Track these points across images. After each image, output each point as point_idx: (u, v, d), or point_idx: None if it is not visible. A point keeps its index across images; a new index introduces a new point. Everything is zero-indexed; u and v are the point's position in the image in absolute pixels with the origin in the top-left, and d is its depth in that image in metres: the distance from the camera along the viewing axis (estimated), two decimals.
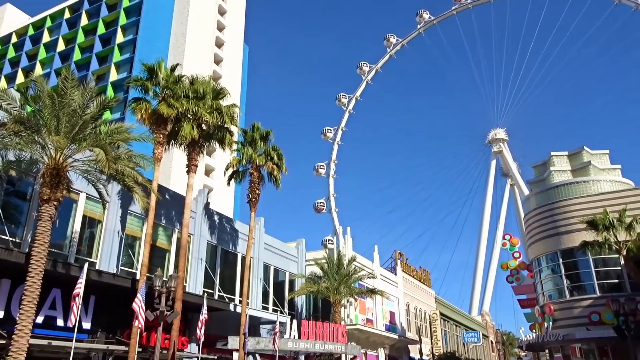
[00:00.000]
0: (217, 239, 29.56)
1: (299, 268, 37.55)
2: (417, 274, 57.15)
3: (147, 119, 23.07)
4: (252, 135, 29.58)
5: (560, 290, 36.15)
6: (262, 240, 33.86)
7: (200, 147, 25.61)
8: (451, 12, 78.32)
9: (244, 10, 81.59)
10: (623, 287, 33.32)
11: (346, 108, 78.59)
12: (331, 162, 76.22)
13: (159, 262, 24.74)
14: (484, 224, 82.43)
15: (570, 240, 35.19)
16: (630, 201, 33.62)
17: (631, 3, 64.48)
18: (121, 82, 59.77)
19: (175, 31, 67.10)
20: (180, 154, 27.99)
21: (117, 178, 18.40)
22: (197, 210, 28.04)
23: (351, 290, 34.46)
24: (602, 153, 48.20)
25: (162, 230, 25.84)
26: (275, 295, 33.84)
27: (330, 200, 73.79)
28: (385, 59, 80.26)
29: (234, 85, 71.45)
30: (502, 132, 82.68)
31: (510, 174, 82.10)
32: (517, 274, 47.67)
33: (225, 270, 30.37)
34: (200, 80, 24.92)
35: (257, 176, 29.16)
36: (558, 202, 38.63)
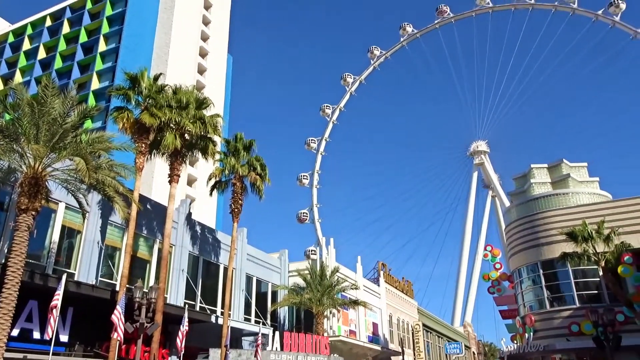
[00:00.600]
0: (199, 250, 29.27)
1: (281, 279, 37.34)
2: (400, 285, 57.23)
3: (129, 128, 22.86)
4: (235, 145, 29.49)
5: (540, 301, 36.51)
6: (245, 251, 33.63)
7: (182, 157, 25.44)
8: (434, 26, 79.38)
9: (228, 21, 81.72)
10: (602, 298, 33.78)
11: (330, 119, 78.85)
12: (315, 172, 76.23)
13: (140, 273, 24.40)
14: (466, 235, 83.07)
15: (550, 252, 35.63)
16: (608, 213, 34.21)
17: (608, 20, 66.08)
18: (103, 90, 59.21)
19: (158, 40, 66.81)
20: (163, 163, 27.77)
21: (97, 188, 18.15)
22: (179, 220, 27.76)
23: (334, 302, 34.35)
24: (581, 165, 49.10)
25: (143, 241, 25.51)
26: (257, 306, 33.56)
27: (314, 210, 73.68)
28: (369, 70, 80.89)
29: (218, 95, 71.29)
30: (484, 144, 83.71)
31: (492, 185, 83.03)
32: (499, 285, 48.05)
33: (207, 281, 30.05)
34: (184, 90, 24.81)
35: (240, 186, 29.03)
36: (538, 213, 39.14)
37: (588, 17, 68.23)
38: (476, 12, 77.05)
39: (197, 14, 73.71)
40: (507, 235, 41.74)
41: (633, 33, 63.78)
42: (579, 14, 68.93)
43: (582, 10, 68.60)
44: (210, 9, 77.28)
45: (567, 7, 69.29)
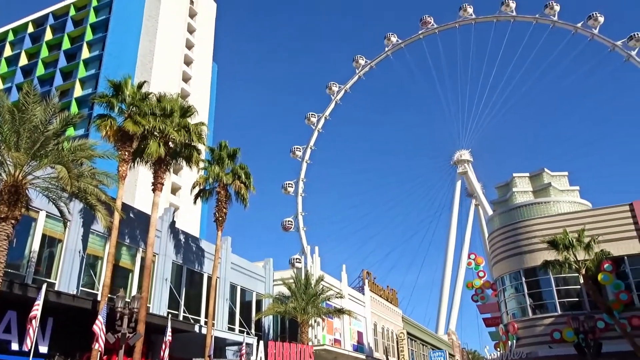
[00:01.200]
0: (182, 259, 29.03)
1: (266, 288, 37.16)
2: (384, 294, 57.30)
3: (112, 136, 22.69)
4: (219, 153, 29.41)
5: (523, 308, 36.81)
6: (229, 260, 33.43)
7: (166, 165, 25.28)
8: (418, 36, 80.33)
9: (213, 29, 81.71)
10: (583, 305, 34.19)
11: (315, 127, 79.10)
12: (300, 180, 76.26)
13: (122, 283, 24.11)
14: (450, 243, 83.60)
15: (532, 260, 36.01)
16: (588, 222, 34.71)
17: (587, 33, 67.58)
18: (86, 98, 58.68)
19: (142, 48, 66.49)
20: (146, 172, 27.57)
21: (79, 196, 17.95)
22: (162, 229, 27.53)
23: (319, 310, 34.26)
24: (562, 175, 49.85)
25: (126, 250, 25.24)
26: (241, 315, 33.33)
27: (299, 218, 73.61)
28: (354, 79, 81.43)
29: (203, 103, 71.09)
30: (467, 153, 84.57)
31: (475, 194, 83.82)
32: (482, 292, 48.32)
33: (191, 290, 29.79)
34: (168, 98, 24.72)
35: (224, 195, 28.93)
36: (520, 222, 39.57)
37: (568, 29, 69.71)
38: (459, 23, 78.22)
39: (182, 22, 73.60)
40: (490, 244, 42.11)
41: (611, 46, 65.28)
42: (559, 27, 70.41)
43: (561, 23, 70.08)
44: (195, 17, 77.23)
45: (548, 19, 70.74)
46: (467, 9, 76.89)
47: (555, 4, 70.04)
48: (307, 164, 77.52)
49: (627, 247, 33.89)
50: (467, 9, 76.89)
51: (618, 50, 64.63)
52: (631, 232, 34.23)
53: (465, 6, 76.97)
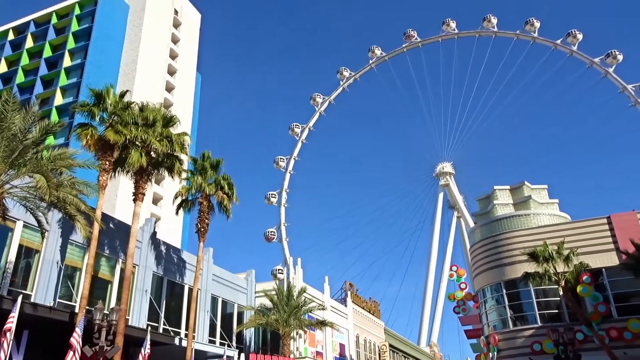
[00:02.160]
0: (163, 270, 28.66)
1: (248, 300, 36.84)
2: (367, 305, 57.23)
3: (92, 145, 22.41)
4: (202, 164, 29.24)
5: (504, 320, 37.07)
6: (211, 272, 33.10)
7: (148, 175, 25.02)
8: (402, 49, 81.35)
9: (197, 39, 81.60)
10: (562, 317, 34.57)
11: (299, 138, 79.28)
12: (283, 191, 76.16)
13: (101, 294, 23.69)
14: (432, 255, 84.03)
15: (513, 272, 36.36)
16: (567, 234, 35.24)
17: (566, 49, 69.13)
18: (67, 106, 57.96)
19: (126, 57, 66.08)
20: (127, 181, 27.24)
21: (58, 206, 17.66)
22: (143, 239, 27.18)
23: (301, 323, 34.05)
24: (541, 188, 50.65)
25: (105, 261, 24.84)
26: (222, 328, 32.96)
27: (282, 229, 73.40)
28: (338, 91, 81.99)
29: (186, 113, 70.74)
30: (449, 165, 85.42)
31: (457, 206, 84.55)
32: (464, 304, 48.53)
33: (172, 302, 29.39)
34: (151, 108, 24.53)
35: (206, 205, 28.72)
36: (501, 234, 40.01)
37: (548, 46, 71.26)
38: (442, 38, 79.45)
39: (166, 31, 73.39)
40: (472, 256, 42.45)
41: (589, 62, 66.85)
42: (540, 42, 71.94)
43: (541, 39, 71.67)
44: (180, 27, 77.10)
45: (528, 35, 72.27)
46: (450, 23, 78.18)
47: (535, 21, 71.67)
48: (291, 174, 77.52)
49: (605, 259, 34.46)
50: (450, 24, 78.17)
51: (596, 67, 66.22)
52: (609, 245, 34.82)
53: (448, 21, 78.26)
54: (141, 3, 70.06)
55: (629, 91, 62.59)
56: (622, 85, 63.50)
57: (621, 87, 63.53)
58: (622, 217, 35.56)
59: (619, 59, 64.69)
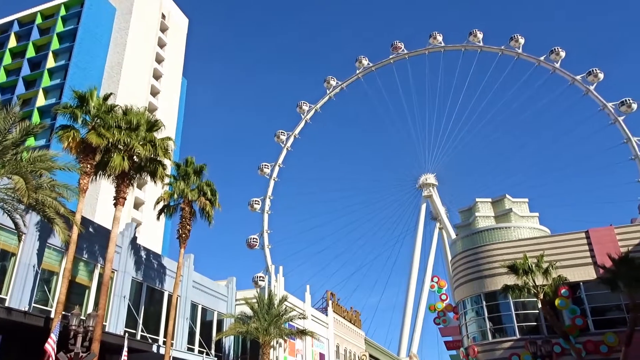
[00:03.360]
0: (142, 276, 28.30)
1: (228, 307, 36.52)
2: (348, 315, 57.13)
3: (74, 147, 22.15)
4: (185, 169, 29.06)
5: (483, 332, 37.31)
6: (191, 278, 32.78)
7: (130, 180, 24.79)
8: (388, 61, 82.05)
9: (184, 44, 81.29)
10: (540, 329, 34.91)
11: (284, 145, 79.27)
12: (267, 198, 75.93)
13: (78, 300, 23.31)
14: (414, 266, 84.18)
15: (493, 284, 36.66)
16: (547, 247, 35.70)
17: (549, 66, 70.44)
18: (49, 108, 57.10)
19: (111, 60, 65.50)
20: (109, 185, 26.92)
21: (36, 208, 17.38)
22: (122, 244, 26.84)
23: (281, 331, 33.81)
24: (522, 201, 51.25)
25: (83, 265, 24.45)
26: (202, 335, 32.59)
27: (264, 236, 73.09)
28: (324, 100, 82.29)
29: (170, 118, 70.27)
30: (432, 177, 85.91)
31: (439, 217, 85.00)
32: (444, 315, 48.78)
33: (150, 308, 29.01)
34: (135, 111, 24.38)
35: (188, 211, 28.51)
36: (482, 246, 40.35)
37: (531, 62, 72.51)
38: (429, 50, 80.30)
39: (153, 35, 72.99)
40: (453, 267, 42.72)
41: (571, 79, 68.17)
42: (524, 59, 73.20)
43: (525, 55, 72.92)
44: (167, 31, 76.78)
45: (513, 51, 73.48)
46: (437, 36, 79.11)
47: (520, 37, 72.97)
48: (275, 181, 77.38)
49: (582, 273, 34.98)
50: (436, 37, 79.10)
51: (578, 84, 67.53)
52: (587, 259, 35.37)
53: (435, 34, 79.20)
54: (128, 6, 69.66)
55: (609, 109, 63.89)
56: (602, 103, 64.80)
57: (601, 105, 64.82)
58: (599, 232, 36.17)
59: (600, 77, 66.08)
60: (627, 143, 61.68)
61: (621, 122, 62.65)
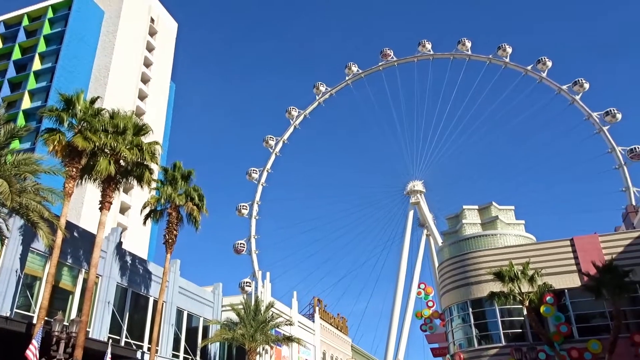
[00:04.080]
0: (128, 281, 28.00)
1: (214, 314, 36.26)
2: (334, 322, 57.03)
3: (59, 151, 21.92)
4: (173, 174, 28.89)
5: (469, 339, 37.42)
6: (177, 284, 32.51)
7: (116, 184, 24.58)
8: (378, 68, 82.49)
9: (172, 48, 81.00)
10: (525, 336, 35.09)
11: (273, 150, 79.22)
12: (254, 203, 75.73)
13: (61, 305, 22.99)
14: (401, 272, 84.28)
15: (479, 291, 36.83)
16: (532, 255, 35.95)
17: (536, 76, 71.34)
18: (34, 111, 56.49)
19: (98, 63, 65.03)
20: (94, 189, 26.67)
21: (20, 212, 17.14)
22: (108, 249, 26.55)
23: (267, 338, 33.62)
24: (508, 208, 51.59)
25: (67, 270, 24.13)
26: (187, 342, 32.30)
27: (251, 241, 72.83)
28: (313, 105, 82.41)
29: (158, 122, 69.87)
30: (420, 184, 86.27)
31: (426, 224, 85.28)
32: (431, 322, 48.79)
33: (135, 314, 28.69)
34: (122, 115, 24.22)
35: (175, 216, 28.32)
36: (468, 253, 40.53)
37: (518, 71, 73.41)
38: (418, 58, 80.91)
39: (141, 39, 72.65)
40: (440, 274, 42.85)
41: (557, 89, 69.09)
42: (511, 68, 74.08)
43: (513, 65, 73.81)
44: (156, 35, 76.47)
45: (500, 60, 74.35)
46: (426, 44, 79.76)
47: (507, 47, 73.89)
48: (263, 186, 77.23)
49: (567, 280, 35.27)
50: (425, 45, 79.75)
51: (564, 94, 68.45)
52: (571, 267, 35.69)
53: (424, 42, 79.85)
54: (116, 9, 69.30)
55: (594, 119, 64.80)
56: (587, 113, 65.71)
57: (587, 115, 65.73)
58: (584, 239, 36.54)
59: (586, 87, 67.06)
60: (612, 152, 62.55)
61: (606, 131, 63.54)
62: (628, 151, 60.70)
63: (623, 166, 60.62)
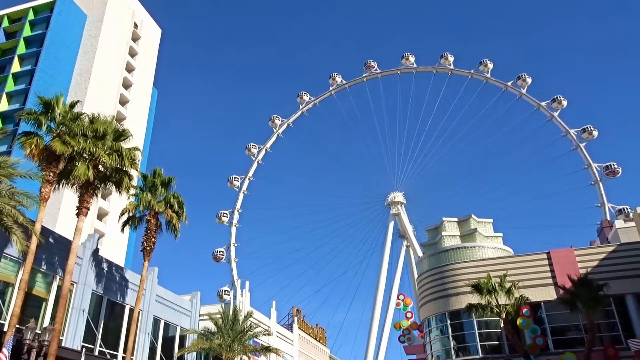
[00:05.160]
0: (103, 289, 27.52)
1: (191, 323, 35.79)
2: (313, 332, 56.77)
3: (37, 155, 21.56)
4: (152, 180, 28.59)
5: (447, 351, 37.57)
6: (154, 292, 32.05)
7: (94, 189, 24.22)
8: (362, 79, 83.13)
9: (156, 54, 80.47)
10: (502, 349, 35.39)
11: (255, 158, 79.00)
12: (235, 210, 75.26)
13: (34, 313, 22.47)
14: (381, 283, 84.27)
15: (457, 302, 37.07)
16: (510, 267, 36.39)
17: (516, 92, 72.63)
18: (12, 113, 55.50)
19: (79, 67, 64.23)
20: (72, 194, 26.22)
21: None
22: (84, 256, 26.09)
23: (245, 348, 33.27)
24: (487, 221, 52.18)
25: (41, 277, 23.62)
26: (163, 351, 31.80)
27: (231, 249, 72.20)
28: (297, 114, 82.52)
29: (139, 128, 69.17)
30: (401, 195, 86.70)
31: (407, 235, 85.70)
32: (409, 333, 48.90)
33: (110, 323, 28.18)
34: (102, 120, 23.95)
35: (154, 223, 27.98)
36: (447, 265, 40.84)
37: (499, 86, 74.68)
38: (401, 71, 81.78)
39: (124, 44, 72.06)
40: (419, 285, 43.03)
41: (536, 105, 70.43)
42: (492, 83, 75.33)
43: (494, 80, 75.09)
44: (139, 41, 75.94)
45: (482, 75, 75.56)
46: (409, 57, 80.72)
47: (488, 62, 75.24)
48: (245, 194, 76.84)
49: (543, 293, 35.73)
50: (409, 58, 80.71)
51: (542, 110, 69.77)
52: (547, 280, 36.18)
53: (407, 55, 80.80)
54: (99, 14, 68.70)
55: (572, 135, 66.10)
56: (565, 129, 67.03)
57: (564, 131, 67.04)
58: (560, 253, 37.11)
59: (564, 104, 68.49)
60: (588, 169, 63.78)
61: (582, 148, 64.80)
62: (604, 168, 61.97)
63: (599, 182, 61.82)
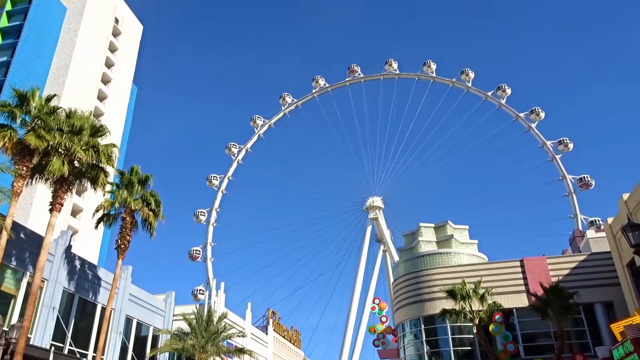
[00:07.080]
0: (75, 286, 27.02)
1: (165, 323, 35.36)
2: (288, 334, 56.64)
3: (10, 148, 21.11)
4: (129, 178, 28.22)
5: (420, 355, 37.88)
6: (127, 291, 31.59)
7: (69, 185, 23.79)
8: (344, 83, 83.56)
9: (136, 51, 79.49)
10: (475, 354, 35.84)
11: (235, 158, 78.66)
12: (213, 209, 74.74)
13: (2, 309, 22.00)
14: (356, 287, 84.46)
15: (432, 308, 37.42)
16: (484, 274, 36.89)
17: (495, 102, 73.80)
18: None
19: (57, 61, 63.02)
20: (45, 190, 25.70)
21: None
22: (56, 253, 25.59)
23: (219, 349, 33.01)
24: (463, 228, 52.90)
25: (10, 273, 23.09)
26: (135, 351, 31.34)
27: (207, 248, 71.65)
28: (279, 116, 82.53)
29: (117, 124, 68.18)
30: (379, 200, 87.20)
31: (384, 240, 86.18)
32: (383, 338, 49.13)
33: (81, 321, 27.68)
34: (79, 115, 23.58)
35: (130, 221, 27.60)
36: (423, 270, 41.21)
37: (479, 96, 75.80)
38: (384, 76, 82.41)
39: (104, 39, 70.99)
40: (394, 290, 43.31)
41: (515, 116, 71.69)
42: (472, 92, 76.40)
43: (474, 89, 76.21)
44: (119, 36, 74.94)
45: (463, 84, 76.61)
46: (392, 63, 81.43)
47: (470, 72, 76.35)
48: (223, 194, 76.39)
49: (516, 300, 36.33)
50: (392, 64, 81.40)
51: (521, 121, 71.06)
52: (520, 287, 36.80)
53: (390, 61, 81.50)
54: (80, 7, 67.57)
55: (548, 147, 67.45)
56: (542, 141, 68.36)
57: (541, 142, 68.38)
58: (533, 261, 37.79)
59: (542, 116, 69.87)
60: (563, 180, 65.13)
61: (558, 160, 66.15)
62: (578, 180, 63.35)
63: (572, 194, 63.15)
